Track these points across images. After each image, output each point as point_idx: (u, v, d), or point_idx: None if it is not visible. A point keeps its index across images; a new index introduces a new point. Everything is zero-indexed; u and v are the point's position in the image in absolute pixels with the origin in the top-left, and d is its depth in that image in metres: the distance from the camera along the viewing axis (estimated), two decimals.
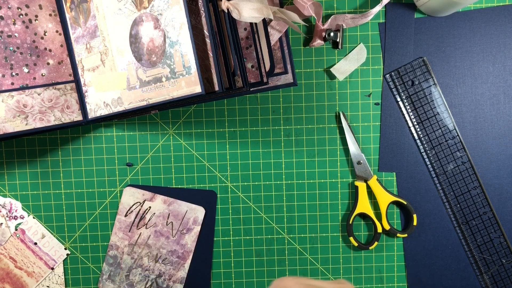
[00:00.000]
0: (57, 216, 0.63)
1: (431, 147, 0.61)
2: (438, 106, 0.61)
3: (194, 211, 0.62)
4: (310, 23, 0.60)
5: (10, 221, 0.62)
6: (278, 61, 0.57)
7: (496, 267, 0.62)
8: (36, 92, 0.55)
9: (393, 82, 0.61)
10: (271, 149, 0.62)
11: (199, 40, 0.49)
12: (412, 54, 0.60)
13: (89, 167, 0.62)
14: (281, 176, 0.62)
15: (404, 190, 0.62)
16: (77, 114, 0.57)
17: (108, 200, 0.62)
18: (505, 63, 0.60)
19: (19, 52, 0.55)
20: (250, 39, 0.54)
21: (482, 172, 0.61)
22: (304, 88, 0.61)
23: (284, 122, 0.62)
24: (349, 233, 0.62)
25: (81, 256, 0.63)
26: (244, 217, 0.63)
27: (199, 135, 0.62)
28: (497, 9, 0.60)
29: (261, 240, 0.63)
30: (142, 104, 0.52)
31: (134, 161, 0.62)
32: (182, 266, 0.62)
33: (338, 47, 0.59)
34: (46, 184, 0.62)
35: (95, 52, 0.55)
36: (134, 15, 0.51)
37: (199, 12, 0.48)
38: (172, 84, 0.49)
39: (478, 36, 0.60)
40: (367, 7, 0.60)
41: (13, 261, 0.63)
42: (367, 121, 0.61)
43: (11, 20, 0.54)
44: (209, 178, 0.62)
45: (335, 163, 0.62)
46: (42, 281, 0.63)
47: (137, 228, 0.62)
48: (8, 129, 0.54)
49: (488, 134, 0.61)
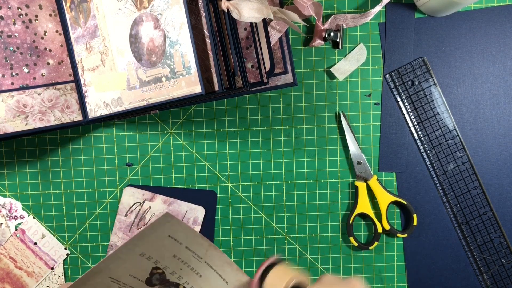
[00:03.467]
0: (57, 216, 0.63)
1: (431, 147, 0.61)
2: (438, 106, 0.61)
3: (194, 211, 0.62)
4: (310, 23, 0.60)
5: (10, 221, 0.62)
6: (278, 61, 0.57)
7: (496, 267, 0.62)
8: (36, 92, 0.55)
9: (393, 82, 0.61)
10: (271, 149, 0.62)
11: (199, 40, 0.49)
12: (412, 54, 0.60)
13: (89, 167, 0.62)
14: (281, 176, 0.62)
15: (404, 190, 0.62)
16: (77, 114, 0.57)
17: (108, 200, 0.62)
18: (505, 63, 0.60)
19: (19, 52, 0.55)
20: (250, 39, 0.54)
21: (482, 172, 0.61)
22: (304, 88, 0.61)
23: (284, 122, 0.62)
24: (349, 233, 0.62)
25: (81, 256, 0.63)
26: (244, 217, 0.63)
27: (199, 135, 0.62)
28: (497, 9, 0.60)
29: (261, 240, 0.63)
30: (142, 104, 0.52)
31: (134, 161, 0.62)
32: None
33: (338, 47, 0.59)
34: (46, 184, 0.62)
35: (95, 52, 0.55)
36: (134, 15, 0.51)
37: (199, 12, 0.48)
38: (172, 84, 0.49)
39: (478, 36, 0.60)
40: (367, 7, 0.60)
41: (13, 261, 0.63)
42: (367, 121, 0.61)
43: (11, 20, 0.54)
44: (209, 178, 0.62)
45: (335, 163, 0.62)
46: (42, 281, 0.63)
47: (137, 228, 0.62)
48: (8, 129, 0.54)
49: (488, 134, 0.61)
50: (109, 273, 0.38)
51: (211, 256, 0.39)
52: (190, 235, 0.37)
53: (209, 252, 0.39)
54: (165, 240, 0.37)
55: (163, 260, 0.38)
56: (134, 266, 0.38)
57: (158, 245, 0.37)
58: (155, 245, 0.37)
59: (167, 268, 0.38)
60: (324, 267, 0.63)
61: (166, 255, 0.38)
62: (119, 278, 0.38)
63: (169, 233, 0.36)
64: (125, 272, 0.38)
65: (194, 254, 0.38)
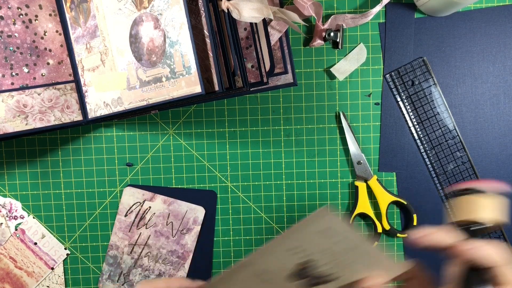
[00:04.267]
0: (57, 216, 0.63)
1: (431, 147, 0.61)
2: (438, 106, 0.61)
3: (194, 211, 0.62)
4: (310, 23, 0.60)
5: (10, 221, 0.62)
6: (278, 61, 0.57)
7: None
8: (36, 92, 0.55)
9: (393, 82, 0.61)
10: (271, 149, 0.62)
11: (199, 40, 0.49)
12: (412, 54, 0.60)
13: (89, 167, 0.62)
14: (281, 176, 0.62)
15: (404, 190, 0.62)
16: (77, 114, 0.57)
17: (108, 200, 0.62)
18: (505, 63, 0.60)
19: (19, 52, 0.55)
20: (250, 39, 0.54)
21: (482, 172, 0.61)
22: (304, 88, 0.61)
23: (284, 122, 0.62)
24: None
25: (81, 256, 0.63)
26: (244, 217, 0.63)
27: (199, 135, 0.62)
28: (497, 9, 0.60)
29: (261, 240, 0.63)
30: (142, 104, 0.52)
31: (134, 161, 0.62)
32: (182, 266, 0.62)
33: (338, 47, 0.59)
34: (46, 184, 0.62)
35: (95, 52, 0.55)
36: (134, 15, 0.51)
37: (199, 12, 0.48)
38: (172, 84, 0.49)
39: (478, 36, 0.60)
40: (367, 7, 0.60)
41: (13, 261, 0.63)
42: (367, 121, 0.61)
43: (11, 20, 0.54)
44: (209, 178, 0.62)
45: (335, 163, 0.62)
46: (42, 281, 0.63)
47: (137, 228, 0.62)
48: (8, 129, 0.54)
49: (488, 134, 0.61)
50: (254, 268, 0.39)
51: (364, 250, 0.39)
52: (343, 229, 0.38)
53: (363, 246, 0.39)
54: (317, 234, 0.38)
55: (312, 255, 0.39)
56: (280, 261, 0.39)
57: (310, 240, 0.38)
58: (307, 240, 0.38)
59: (315, 261, 0.39)
60: None
61: (316, 249, 0.38)
62: (263, 273, 0.39)
63: (323, 227, 0.37)
64: (270, 267, 0.39)
65: (346, 247, 0.39)
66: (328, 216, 0.37)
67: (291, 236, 0.38)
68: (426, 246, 0.39)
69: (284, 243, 0.38)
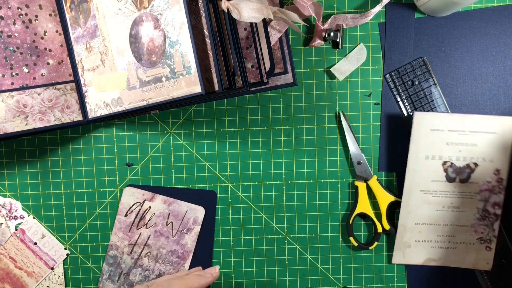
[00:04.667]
0: (57, 216, 0.63)
1: None
2: (438, 106, 0.61)
3: (194, 211, 0.62)
4: (310, 23, 0.60)
5: (10, 221, 0.62)
6: (278, 61, 0.57)
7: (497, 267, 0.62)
8: (36, 92, 0.55)
9: (393, 82, 0.61)
10: (271, 149, 0.62)
11: (199, 40, 0.49)
12: (412, 54, 0.60)
13: (89, 167, 0.62)
14: (281, 176, 0.62)
15: None
16: (77, 114, 0.57)
17: (108, 200, 0.62)
18: (505, 63, 0.60)
19: (19, 52, 0.55)
20: (250, 39, 0.54)
21: None
22: (304, 88, 0.61)
23: (284, 122, 0.62)
24: (349, 233, 0.62)
25: (81, 256, 0.63)
26: (244, 217, 0.63)
27: (199, 135, 0.62)
28: (497, 9, 0.60)
29: (261, 240, 0.63)
30: (142, 104, 0.52)
31: (134, 161, 0.62)
32: (182, 266, 0.62)
33: (338, 47, 0.59)
34: (46, 184, 0.62)
35: (95, 52, 0.55)
36: (134, 15, 0.51)
37: (199, 12, 0.48)
38: (172, 84, 0.49)
39: (478, 36, 0.60)
40: (367, 7, 0.60)
41: (13, 261, 0.63)
42: (367, 121, 0.61)
43: (11, 20, 0.54)
44: (209, 178, 0.62)
45: (335, 163, 0.62)
46: (42, 281, 0.63)
47: (137, 228, 0.62)
48: (8, 129, 0.54)
49: None
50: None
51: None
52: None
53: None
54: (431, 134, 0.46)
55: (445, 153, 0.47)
56: (429, 171, 0.45)
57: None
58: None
59: (453, 157, 0.47)
60: (324, 267, 0.63)
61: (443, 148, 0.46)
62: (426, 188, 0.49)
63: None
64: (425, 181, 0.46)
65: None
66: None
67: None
68: None
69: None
